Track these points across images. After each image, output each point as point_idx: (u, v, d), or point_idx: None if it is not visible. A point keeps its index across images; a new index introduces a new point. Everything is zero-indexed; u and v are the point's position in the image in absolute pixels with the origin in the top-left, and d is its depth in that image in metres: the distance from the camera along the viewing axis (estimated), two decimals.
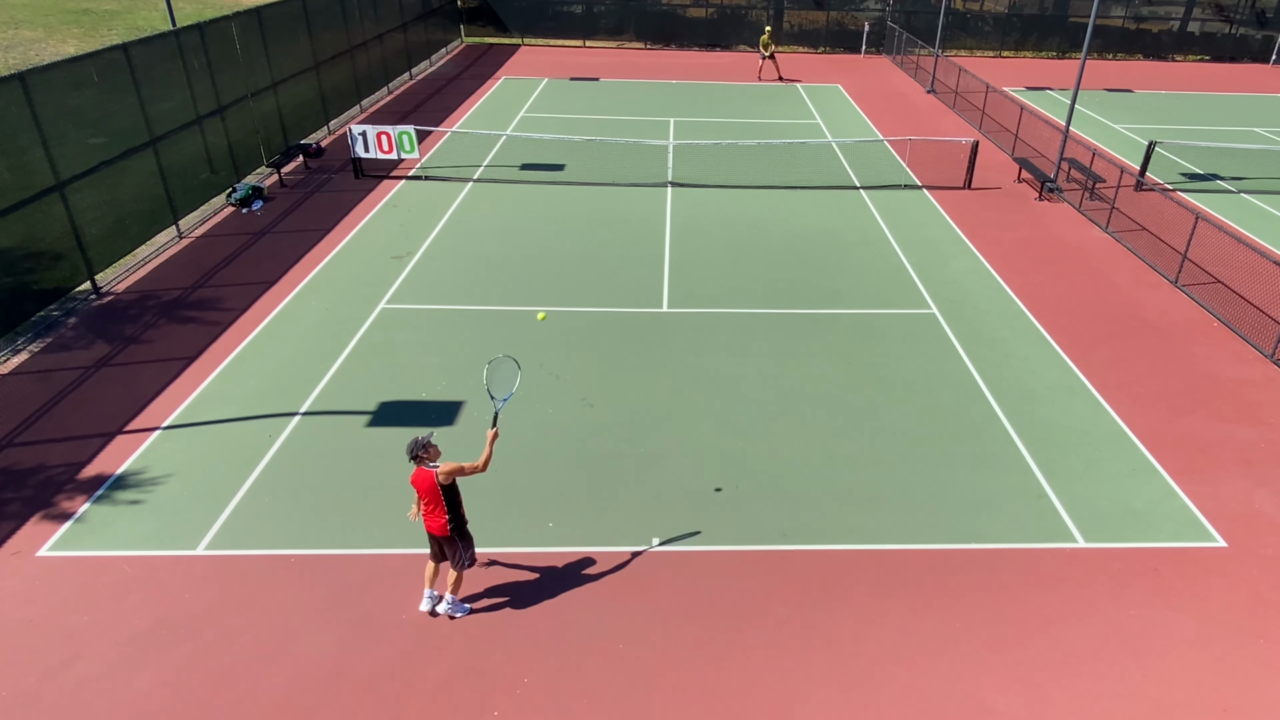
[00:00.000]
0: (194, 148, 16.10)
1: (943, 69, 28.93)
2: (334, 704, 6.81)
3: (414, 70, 29.54)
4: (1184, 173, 20.55)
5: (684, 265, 14.79)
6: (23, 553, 8.22)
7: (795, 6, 36.32)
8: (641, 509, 9.00)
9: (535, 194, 18.10)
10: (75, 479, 9.24)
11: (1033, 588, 8.11)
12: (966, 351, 12.21)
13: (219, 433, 10.06)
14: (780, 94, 28.47)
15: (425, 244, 15.41)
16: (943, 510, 9.09)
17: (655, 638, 7.50)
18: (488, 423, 10.29)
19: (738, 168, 19.99)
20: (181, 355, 11.67)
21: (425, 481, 7.27)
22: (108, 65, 13.66)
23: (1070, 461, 9.91)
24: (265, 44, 18.62)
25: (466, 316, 12.86)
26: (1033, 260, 15.39)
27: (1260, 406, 11.08)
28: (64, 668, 7.05)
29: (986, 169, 20.28)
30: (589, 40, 36.68)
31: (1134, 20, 36.66)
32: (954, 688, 7.07)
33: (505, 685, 7.02)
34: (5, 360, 11.46)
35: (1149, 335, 12.82)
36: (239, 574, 8.05)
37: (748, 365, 11.70)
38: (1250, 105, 28.35)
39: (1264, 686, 7.17)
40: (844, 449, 10.04)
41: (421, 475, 7.29)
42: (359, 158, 18.60)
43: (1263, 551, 8.64)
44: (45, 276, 12.32)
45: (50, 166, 12.28)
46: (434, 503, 7.33)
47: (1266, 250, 15.89)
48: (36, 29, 28.50)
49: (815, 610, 7.83)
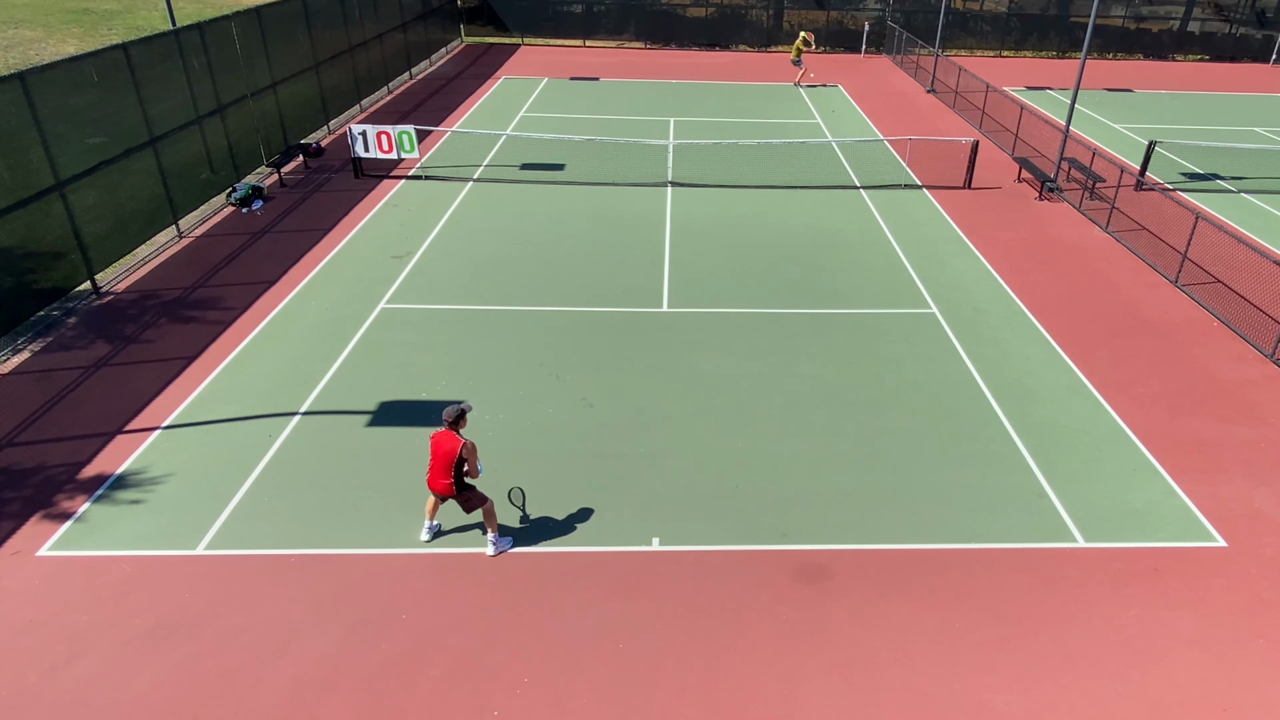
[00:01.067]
0: (194, 147, 16.10)
1: (943, 69, 28.93)
2: (334, 704, 6.81)
3: (414, 70, 29.54)
4: (1184, 172, 20.56)
5: (684, 265, 14.79)
6: (23, 553, 8.22)
7: (795, 6, 36.31)
8: (641, 509, 9.00)
9: (535, 194, 18.10)
10: (75, 479, 9.24)
11: (1033, 588, 8.11)
12: (966, 351, 12.22)
13: (219, 433, 10.06)
14: (780, 94, 28.46)
15: (425, 244, 15.41)
16: (943, 510, 9.09)
17: (655, 638, 7.50)
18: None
19: (738, 168, 19.99)
20: (181, 355, 11.67)
21: (447, 444, 7.82)
22: (108, 65, 13.66)
23: (1070, 461, 9.91)
24: (265, 44, 18.61)
25: (466, 316, 12.87)
26: (1033, 260, 15.39)
27: (1260, 406, 11.08)
28: (64, 667, 7.05)
29: (986, 169, 20.29)
30: (589, 40, 36.68)
31: (1134, 20, 36.67)
32: (954, 687, 7.07)
33: (505, 685, 7.02)
34: (5, 360, 11.47)
35: (1149, 335, 12.83)
36: (239, 574, 8.05)
37: (748, 365, 11.71)
38: (1250, 105, 28.35)
39: (1264, 686, 7.17)
40: (844, 449, 10.04)
41: (448, 438, 7.84)
42: (359, 157, 18.60)
43: (1263, 551, 8.64)
44: (45, 276, 12.32)
45: (50, 166, 12.28)
46: (445, 467, 7.85)
47: (1266, 250, 15.89)
48: (36, 29, 28.50)
49: (815, 610, 7.83)
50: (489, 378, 11.26)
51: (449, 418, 7.85)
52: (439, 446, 7.87)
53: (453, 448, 7.81)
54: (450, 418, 7.84)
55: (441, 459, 7.85)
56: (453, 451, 7.81)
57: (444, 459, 7.84)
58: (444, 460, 7.84)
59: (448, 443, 7.83)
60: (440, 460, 7.86)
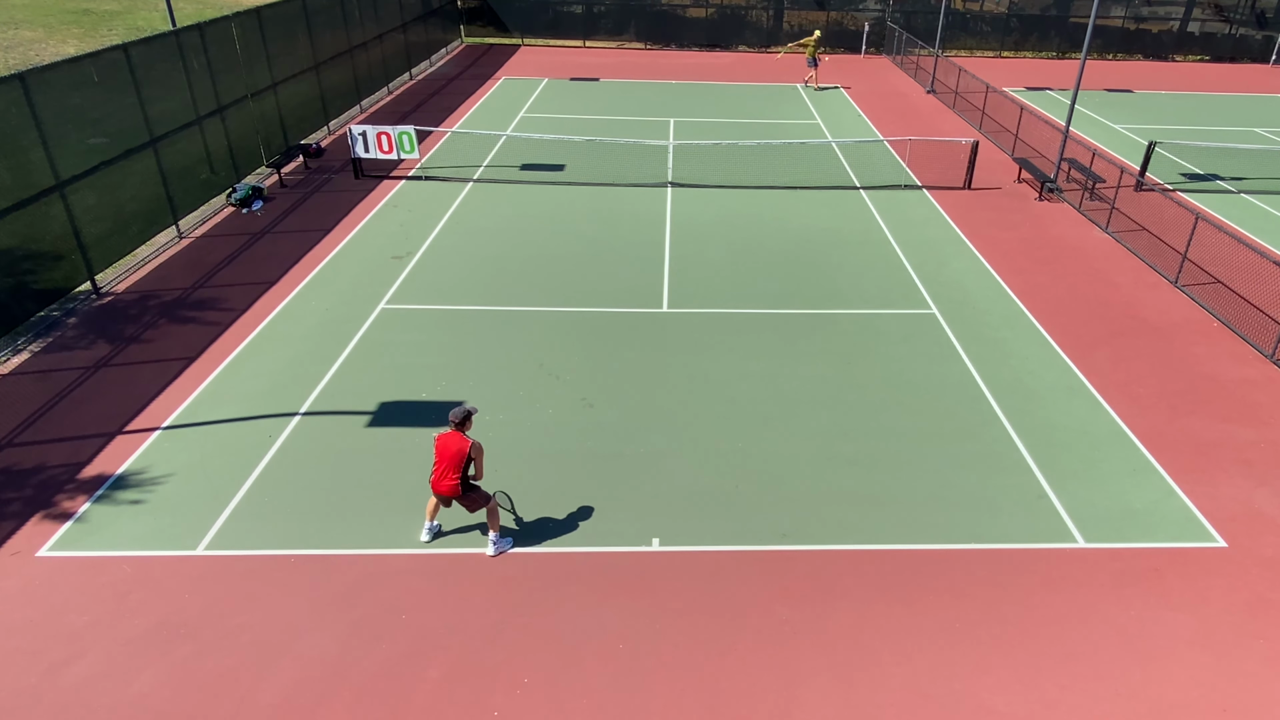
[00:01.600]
0: (194, 148, 16.10)
1: (943, 69, 28.93)
2: (334, 704, 6.81)
3: (414, 70, 29.54)
4: (1184, 173, 20.56)
5: (684, 265, 14.79)
6: (23, 553, 8.22)
7: (795, 6, 36.31)
8: (641, 509, 9.00)
9: (535, 194, 18.10)
10: (75, 479, 9.24)
11: (1033, 588, 8.11)
12: (966, 351, 12.22)
13: (219, 433, 10.06)
14: (780, 94, 28.46)
15: (425, 244, 15.41)
16: (943, 510, 9.09)
17: (655, 638, 7.50)
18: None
19: (738, 168, 19.99)
20: (181, 355, 11.67)
21: (455, 444, 7.91)
22: (108, 65, 13.66)
23: (1070, 461, 9.91)
24: (265, 44, 18.62)
25: (466, 316, 12.87)
26: (1033, 260, 15.39)
27: (1260, 406, 11.08)
28: (64, 667, 7.05)
29: (986, 169, 20.29)
30: (589, 40, 36.69)
31: (1134, 20, 36.67)
32: (954, 687, 7.07)
33: (505, 685, 7.02)
34: (5, 360, 11.47)
35: (1149, 335, 12.83)
36: (239, 574, 8.05)
37: (748, 365, 11.71)
38: (1250, 105, 28.36)
39: (1264, 686, 7.17)
40: (844, 449, 10.04)
41: (455, 439, 7.92)
42: (359, 158, 18.59)
43: (1263, 551, 8.64)
44: (45, 276, 12.32)
45: (50, 166, 12.28)
46: (451, 468, 7.91)
47: (1266, 250, 15.90)
48: (36, 29, 28.51)
49: (815, 610, 7.83)
50: (489, 378, 11.27)
51: (456, 419, 7.96)
52: (446, 447, 7.95)
53: (462, 447, 7.91)
54: (457, 419, 7.97)
55: (450, 459, 7.92)
56: (462, 451, 7.90)
57: (452, 459, 7.91)
58: (452, 460, 7.91)
59: (456, 443, 7.93)
60: (448, 460, 7.93)
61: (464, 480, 8.03)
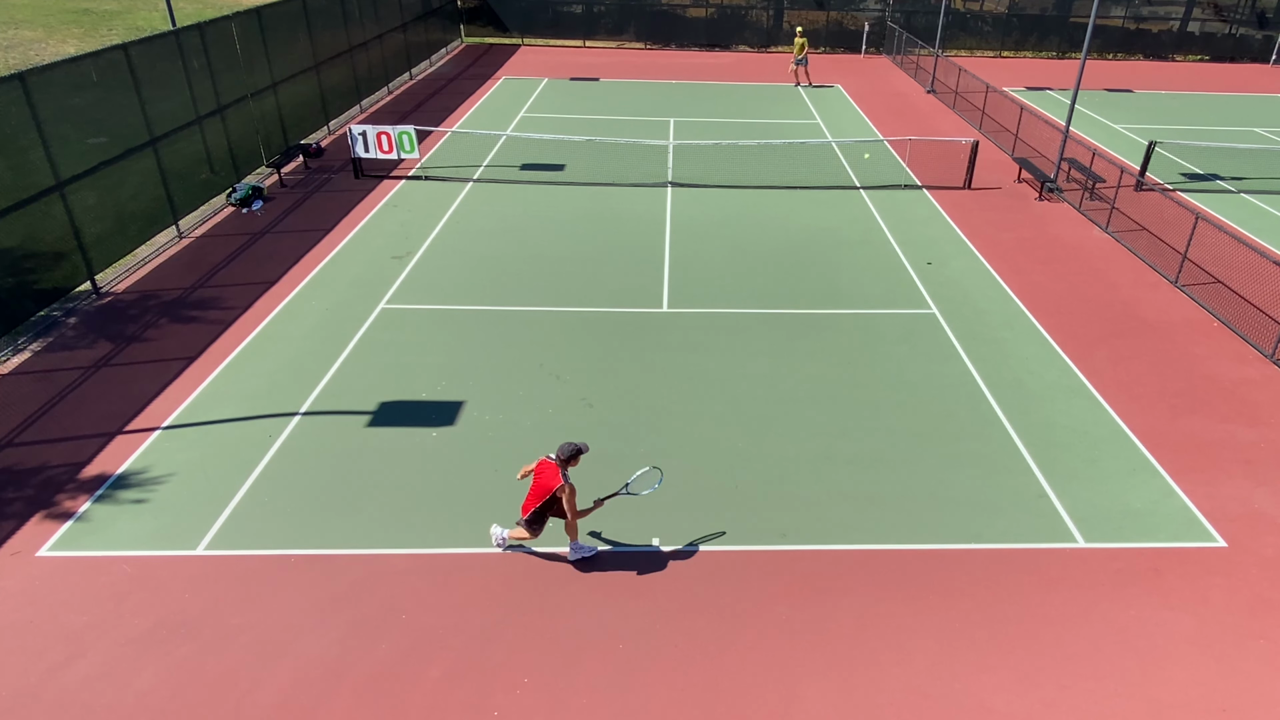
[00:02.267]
0: (194, 148, 16.10)
1: (943, 69, 28.93)
2: (334, 704, 6.81)
3: (414, 70, 29.54)
4: (1184, 173, 20.56)
5: (684, 265, 14.79)
6: (23, 553, 8.22)
7: (795, 6, 36.31)
8: (641, 509, 9.00)
9: (535, 194, 18.10)
10: (75, 479, 9.24)
11: (1033, 588, 8.11)
12: (966, 351, 12.22)
13: (219, 433, 10.06)
14: (780, 94, 28.46)
15: (425, 244, 15.41)
16: (943, 510, 9.09)
17: (655, 638, 7.50)
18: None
19: (738, 168, 19.99)
20: (181, 355, 11.67)
21: (546, 480, 7.74)
22: (108, 65, 13.66)
23: (1070, 461, 9.91)
24: (265, 44, 18.62)
25: (466, 316, 12.87)
26: (1033, 260, 15.39)
27: (1260, 406, 11.08)
28: (64, 667, 7.05)
29: (986, 169, 20.29)
30: (589, 40, 36.68)
31: (1134, 20, 36.67)
32: (954, 687, 7.07)
33: (505, 685, 7.02)
34: (5, 360, 11.47)
35: (1149, 335, 12.83)
36: (239, 574, 8.05)
37: (747, 365, 11.71)
38: (1250, 105, 28.35)
39: (1264, 686, 7.17)
40: (844, 449, 10.04)
41: (550, 474, 7.69)
42: (359, 158, 18.60)
43: (1263, 551, 8.64)
44: (45, 276, 12.32)
45: (50, 166, 12.28)
46: (538, 497, 7.79)
47: (1266, 250, 15.90)
48: (36, 29, 28.51)
49: (815, 610, 7.83)
50: (489, 378, 11.27)
51: (562, 455, 7.67)
52: (544, 476, 7.76)
53: (549, 485, 7.67)
54: (564, 455, 7.66)
55: (537, 490, 7.78)
56: (548, 488, 7.68)
57: (539, 491, 7.76)
58: (538, 492, 7.77)
59: (549, 478, 7.70)
60: (536, 491, 7.79)
61: (540, 513, 7.85)
